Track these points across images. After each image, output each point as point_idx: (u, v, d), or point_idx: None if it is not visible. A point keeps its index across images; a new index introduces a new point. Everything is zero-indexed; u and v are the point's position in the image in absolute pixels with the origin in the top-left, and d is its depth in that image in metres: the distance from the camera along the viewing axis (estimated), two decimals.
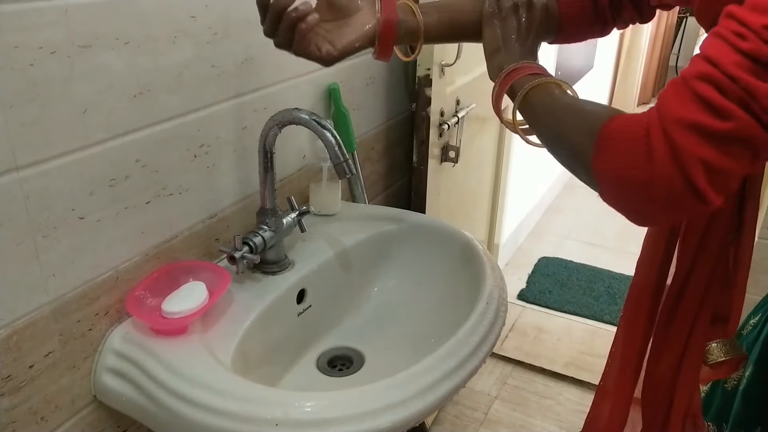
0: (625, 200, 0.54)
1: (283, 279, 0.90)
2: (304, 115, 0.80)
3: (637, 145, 0.50)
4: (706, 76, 0.47)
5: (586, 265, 2.53)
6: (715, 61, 0.47)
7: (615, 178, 0.53)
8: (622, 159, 0.52)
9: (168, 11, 0.76)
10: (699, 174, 0.48)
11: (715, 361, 0.77)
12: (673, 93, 0.50)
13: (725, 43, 0.47)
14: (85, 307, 0.74)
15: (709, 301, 0.78)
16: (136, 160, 0.77)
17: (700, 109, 0.47)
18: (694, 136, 0.47)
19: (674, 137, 0.48)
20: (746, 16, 0.46)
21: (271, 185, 0.88)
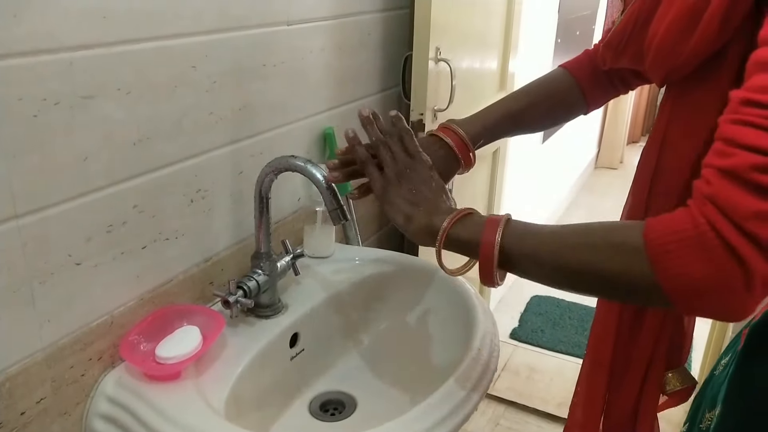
0: (712, 305, 0.52)
1: (276, 323, 0.91)
2: (299, 162, 0.82)
3: (711, 248, 0.49)
4: (762, 167, 0.47)
5: (578, 303, 2.54)
6: (760, 149, 0.47)
7: (696, 289, 0.51)
8: (697, 265, 0.50)
9: (169, 62, 0.78)
10: None
11: (673, 390, 0.80)
12: (729, 190, 0.49)
13: (760, 129, 0.48)
14: (79, 353, 0.74)
15: (667, 330, 0.82)
16: (134, 205, 0.78)
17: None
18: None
19: (756, 233, 0.47)
20: (765, 99, 0.48)
21: (266, 229, 0.89)
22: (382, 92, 1.29)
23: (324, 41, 1.07)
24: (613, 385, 0.88)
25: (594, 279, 0.58)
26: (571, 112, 0.95)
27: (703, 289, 0.50)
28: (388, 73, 1.30)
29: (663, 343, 0.83)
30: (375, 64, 1.24)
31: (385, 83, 1.29)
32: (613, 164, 4.37)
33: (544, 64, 2.67)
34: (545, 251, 0.61)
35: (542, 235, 0.62)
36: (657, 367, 0.85)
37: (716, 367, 0.84)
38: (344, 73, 1.15)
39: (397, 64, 1.31)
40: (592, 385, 0.90)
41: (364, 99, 1.23)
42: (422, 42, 1.22)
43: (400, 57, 1.31)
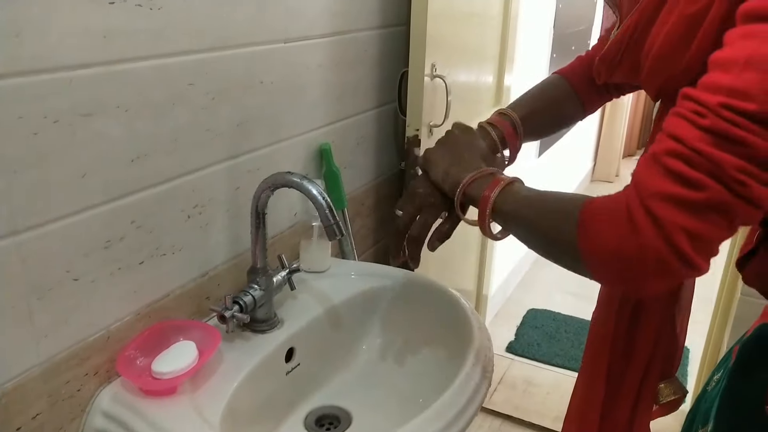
0: (617, 274, 0.57)
1: (272, 338, 0.91)
2: (296, 178, 0.83)
3: (619, 221, 0.54)
4: (673, 152, 0.51)
5: (575, 317, 2.55)
6: (679, 138, 0.51)
7: (603, 254, 0.56)
8: (608, 236, 0.55)
9: (167, 80, 0.79)
10: (683, 241, 0.51)
11: (666, 400, 0.81)
12: (645, 169, 0.54)
13: (686, 121, 0.52)
14: (75, 368, 0.74)
15: (662, 342, 0.84)
16: (132, 221, 0.79)
17: (673, 182, 0.51)
18: (673, 207, 0.51)
19: (654, 209, 0.51)
20: (701, 96, 0.51)
21: (263, 245, 0.90)
22: (378, 108, 1.30)
23: (321, 58, 1.09)
24: (608, 398, 0.89)
25: (536, 236, 0.66)
26: (571, 118, 0.98)
27: (608, 257, 0.56)
28: (385, 89, 1.31)
29: (658, 355, 0.84)
30: (371, 80, 1.26)
31: (382, 99, 1.31)
32: (609, 177, 4.39)
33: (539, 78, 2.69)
34: (518, 206, 0.68)
35: (524, 193, 0.69)
36: (652, 379, 0.86)
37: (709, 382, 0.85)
38: (341, 89, 1.16)
39: (394, 80, 1.33)
40: (588, 399, 0.91)
41: (361, 115, 1.25)
42: (418, 59, 1.23)
43: (396, 73, 1.33)
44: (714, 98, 0.50)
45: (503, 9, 1.70)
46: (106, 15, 0.69)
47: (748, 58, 0.49)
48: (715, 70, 0.52)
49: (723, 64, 0.52)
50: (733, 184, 0.49)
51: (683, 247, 0.51)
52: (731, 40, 0.53)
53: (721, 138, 0.49)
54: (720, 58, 0.52)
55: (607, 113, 4.26)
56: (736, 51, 0.51)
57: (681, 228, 0.51)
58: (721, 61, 0.52)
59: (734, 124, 0.49)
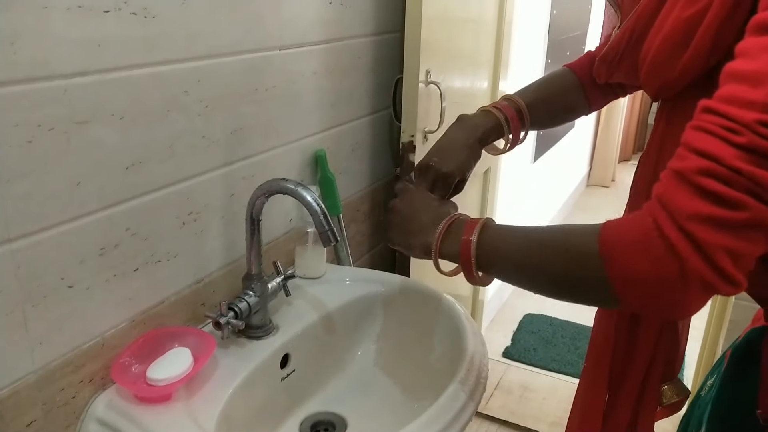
0: (656, 302, 0.54)
1: (267, 344, 0.91)
2: (290, 185, 0.84)
3: (654, 245, 0.51)
4: (707, 171, 0.49)
5: (571, 322, 2.55)
6: (713, 156, 0.49)
7: (640, 284, 0.53)
8: (643, 264, 0.52)
9: (163, 87, 0.80)
10: (726, 262, 0.49)
11: (670, 402, 0.81)
12: (674, 190, 0.51)
13: (717, 138, 0.49)
14: (70, 375, 0.74)
15: (663, 344, 0.84)
16: (127, 228, 0.79)
17: (711, 203, 0.49)
18: (712, 229, 0.49)
19: (693, 232, 0.49)
20: (733, 112, 0.49)
21: (258, 251, 0.90)
22: (373, 114, 1.31)
23: (316, 65, 1.09)
24: (610, 400, 0.89)
25: (552, 279, 0.61)
26: (575, 111, 0.98)
27: (645, 285, 0.52)
28: (380, 95, 1.32)
29: (659, 357, 0.85)
30: (366, 86, 1.26)
31: (377, 105, 1.31)
32: (605, 182, 4.40)
33: None
34: (514, 251, 0.64)
35: (513, 236, 0.65)
36: (654, 381, 0.86)
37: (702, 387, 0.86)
38: (336, 95, 1.17)
39: (388, 86, 1.34)
40: (590, 401, 0.91)
41: (356, 121, 1.25)
42: (412, 65, 1.24)
43: (391, 79, 1.33)
44: (749, 114, 0.48)
45: (498, 14, 1.71)
46: (101, 23, 0.70)
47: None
48: (739, 84, 0.50)
49: (749, 78, 0.49)
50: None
51: (726, 267, 0.49)
52: (751, 52, 0.51)
53: (759, 156, 0.47)
54: (743, 72, 0.50)
55: (603, 118, 4.28)
56: (763, 65, 0.49)
57: (724, 249, 0.49)
58: (745, 75, 0.50)
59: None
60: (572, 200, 4.00)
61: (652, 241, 0.51)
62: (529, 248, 0.63)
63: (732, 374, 0.75)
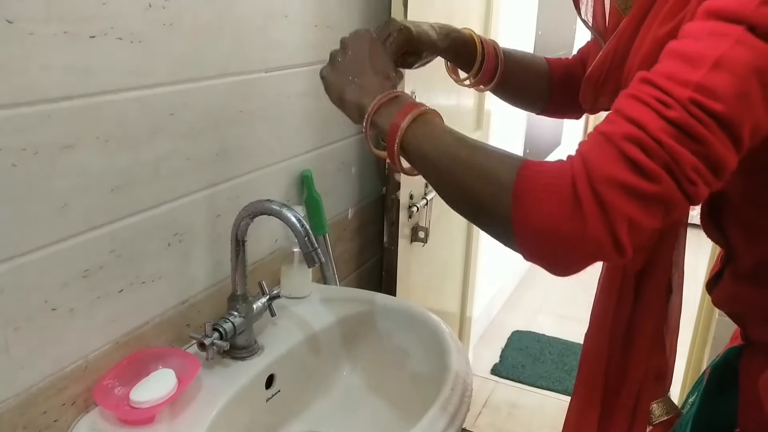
0: (547, 254, 0.54)
1: (252, 364, 0.92)
2: (275, 206, 0.84)
3: (563, 199, 0.51)
4: (633, 138, 0.49)
5: (559, 338, 2.56)
6: (641, 125, 0.49)
7: (539, 232, 0.53)
8: (548, 213, 0.52)
9: (148, 110, 0.81)
10: (624, 230, 0.50)
11: (659, 420, 0.81)
12: (598, 150, 0.51)
13: (649, 108, 0.50)
14: (52, 398, 0.74)
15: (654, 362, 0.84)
16: (111, 250, 0.79)
17: (628, 170, 0.49)
18: (623, 196, 0.50)
19: (604, 195, 0.50)
20: (670, 87, 0.50)
21: (242, 272, 0.91)
22: (359, 134, 1.32)
23: (302, 86, 1.10)
24: (604, 418, 0.89)
25: (461, 196, 0.60)
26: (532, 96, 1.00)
27: (543, 232, 0.52)
28: None
29: (650, 375, 0.85)
30: None
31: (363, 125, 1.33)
32: None
33: None
34: (436, 156, 0.62)
35: (442, 140, 0.63)
36: (645, 400, 0.87)
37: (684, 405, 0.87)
38: (322, 116, 1.18)
39: None
40: (584, 420, 0.91)
41: (342, 141, 1.26)
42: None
43: None
44: (684, 92, 0.49)
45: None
46: (86, 49, 0.71)
47: (719, 58, 0.49)
48: (681, 62, 0.51)
49: (690, 58, 0.50)
50: (685, 182, 0.49)
51: (622, 236, 0.50)
52: (695, 34, 0.52)
53: (684, 133, 0.48)
54: (686, 51, 0.51)
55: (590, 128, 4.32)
56: (705, 48, 0.50)
57: (626, 217, 0.50)
58: (687, 54, 0.51)
59: (700, 122, 0.48)
60: None
61: (564, 194, 0.51)
62: (450, 158, 0.61)
63: (711, 393, 0.77)
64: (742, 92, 0.48)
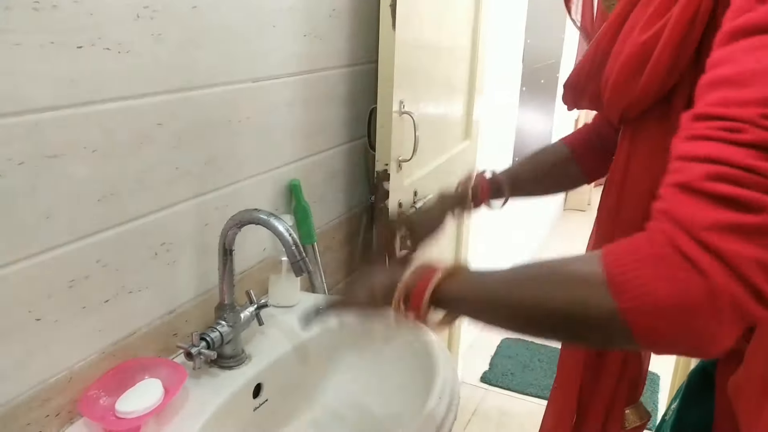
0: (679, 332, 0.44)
1: (239, 373, 0.91)
2: (262, 215, 0.84)
3: (671, 263, 0.44)
4: (718, 176, 0.43)
5: (547, 346, 2.57)
6: (719, 159, 0.44)
7: (659, 311, 0.44)
8: (659, 283, 0.44)
9: (136, 120, 0.81)
10: (757, 275, 0.42)
11: (632, 425, 0.82)
12: (683, 203, 0.45)
13: (719, 141, 0.45)
14: (36, 410, 0.73)
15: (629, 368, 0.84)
16: (97, 260, 0.79)
17: (727, 209, 0.43)
18: (735, 237, 0.42)
19: (715, 244, 0.42)
20: (731, 112, 0.45)
21: (230, 281, 0.91)
22: (348, 143, 1.33)
23: (290, 96, 1.11)
24: (577, 425, 0.90)
25: (549, 315, 0.51)
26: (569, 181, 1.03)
27: (665, 310, 0.44)
28: (354, 125, 1.34)
29: (624, 379, 0.86)
30: (341, 116, 1.28)
31: (352, 135, 1.33)
32: (582, 206, 4.47)
33: (509, 112, 2.76)
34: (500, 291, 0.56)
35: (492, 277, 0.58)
36: (619, 405, 0.87)
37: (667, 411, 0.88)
38: (311, 126, 1.18)
39: (363, 116, 1.36)
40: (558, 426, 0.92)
41: (331, 150, 1.27)
42: (386, 97, 1.26)
43: (365, 109, 1.36)
44: (749, 111, 0.44)
45: (472, 42, 1.75)
46: (73, 59, 0.71)
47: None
48: (728, 88, 0.46)
49: (736, 80, 0.46)
50: None
51: (758, 281, 0.42)
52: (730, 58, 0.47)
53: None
54: (727, 76, 0.47)
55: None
56: (751, 64, 0.45)
57: (752, 260, 0.42)
58: (730, 79, 0.46)
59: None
60: (549, 224, 4.04)
61: (668, 258, 0.44)
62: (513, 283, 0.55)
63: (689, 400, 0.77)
64: None
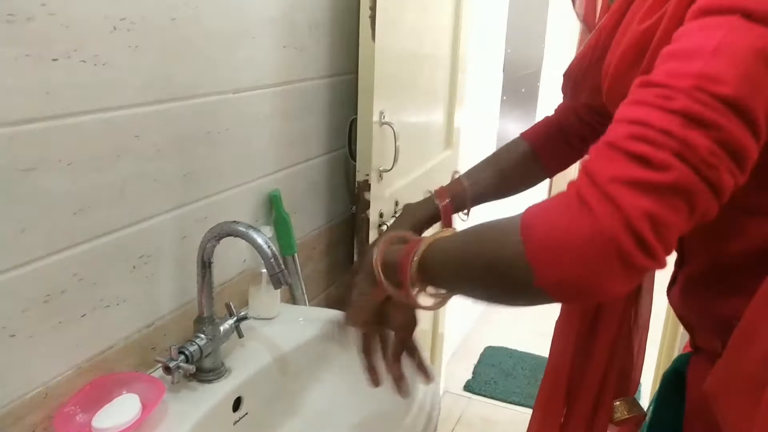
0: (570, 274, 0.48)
1: (219, 387, 0.91)
2: (241, 227, 0.84)
3: (569, 209, 0.48)
4: (637, 136, 0.47)
5: (531, 353, 2.58)
6: (644, 122, 0.47)
7: (552, 249, 0.48)
8: (558, 223, 0.48)
9: (113, 133, 0.80)
10: (646, 227, 0.45)
11: (621, 418, 0.82)
12: (601, 157, 0.49)
13: (651, 107, 0.48)
14: (10, 428, 0.72)
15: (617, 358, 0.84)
16: (74, 274, 0.78)
17: (637, 166, 0.46)
18: (635, 190, 0.46)
19: (613, 194, 0.46)
20: (669, 81, 0.48)
21: (209, 294, 0.90)
22: (328, 154, 1.33)
23: (270, 107, 1.11)
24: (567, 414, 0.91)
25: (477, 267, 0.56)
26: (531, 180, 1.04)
27: (558, 247, 0.48)
28: (335, 135, 1.34)
29: (613, 370, 0.86)
30: (321, 127, 1.28)
31: (332, 145, 1.34)
32: None
33: (491, 121, 2.78)
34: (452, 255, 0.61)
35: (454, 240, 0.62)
36: (607, 395, 0.87)
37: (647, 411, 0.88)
38: (291, 136, 1.18)
39: (344, 126, 1.36)
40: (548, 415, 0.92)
41: (311, 161, 1.27)
42: (366, 107, 1.27)
43: (346, 120, 1.36)
44: (685, 81, 0.47)
45: (452, 50, 1.76)
46: (48, 72, 0.70)
47: (717, 46, 0.47)
48: (676, 60, 0.50)
49: (686, 54, 0.49)
50: (702, 166, 0.46)
51: (646, 234, 0.45)
52: (687, 33, 0.51)
53: (693, 120, 0.46)
54: (679, 50, 0.50)
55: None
56: (700, 40, 0.49)
57: (644, 212, 0.45)
58: (682, 51, 0.50)
59: (708, 107, 0.46)
60: None
61: (570, 203, 0.48)
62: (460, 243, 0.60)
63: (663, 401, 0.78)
64: (747, 74, 0.46)
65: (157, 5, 0.84)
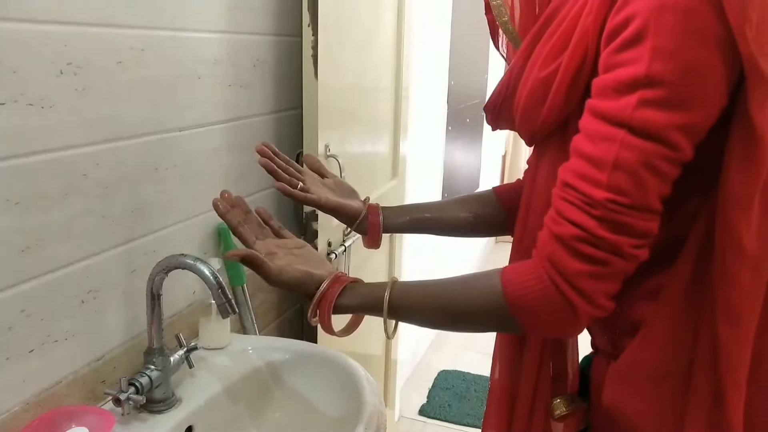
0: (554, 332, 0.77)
1: (169, 417, 0.92)
2: (188, 260, 0.87)
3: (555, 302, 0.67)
4: (580, 238, 0.65)
5: (483, 376, 2.64)
6: (581, 226, 0.65)
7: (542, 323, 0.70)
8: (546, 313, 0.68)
9: (60, 172, 0.83)
10: (603, 299, 0.67)
11: (561, 414, 0.88)
12: (561, 253, 0.66)
13: (580, 210, 0.65)
14: None
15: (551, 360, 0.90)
16: (21, 310, 0.80)
17: (587, 264, 0.65)
18: (592, 280, 0.66)
19: (581, 287, 0.66)
20: (587, 190, 0.64)
21: (158, 325, 0.93)
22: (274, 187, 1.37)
23: (217, 143, 1.15)
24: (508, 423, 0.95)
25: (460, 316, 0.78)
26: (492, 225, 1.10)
27: (547, 325, 0.71)
28: None
29: (545, 372, 0.91)
30: None
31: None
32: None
33: (437, 150, 2.87)
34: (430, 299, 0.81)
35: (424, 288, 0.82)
36: (542, 393, 0.91)
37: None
38: (238, 170, 1.22)
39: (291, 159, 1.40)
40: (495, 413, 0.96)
41: (258, 193, 1.31)
42: (312, 141, 1.32)
43: (293, 153, 1.41)
44: (599, 193, 0.64)
45: (395, 84, 1.84)
46: None
47: (614, 161, 0.63)
48: (587, 163, 0.65)
49: (593, 161, 0.64)
50: (629, 256, 0.65)
51: (603, 303, 0.67)
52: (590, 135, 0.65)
53: (612, 224, 0.64)
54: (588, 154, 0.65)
55: (507, 171, 4.55)
56: (602, 152, 0.64)
57: (601, 293, 0.67)
58: (590, 157, 0.65)
59: (620, 214, 0.64)
60: (482, 257, 4.17)
61: (553, 298, 0.67)
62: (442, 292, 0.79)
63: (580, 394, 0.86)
64: (638, 182, 0.63)
65: (103, 49, 0.87)
